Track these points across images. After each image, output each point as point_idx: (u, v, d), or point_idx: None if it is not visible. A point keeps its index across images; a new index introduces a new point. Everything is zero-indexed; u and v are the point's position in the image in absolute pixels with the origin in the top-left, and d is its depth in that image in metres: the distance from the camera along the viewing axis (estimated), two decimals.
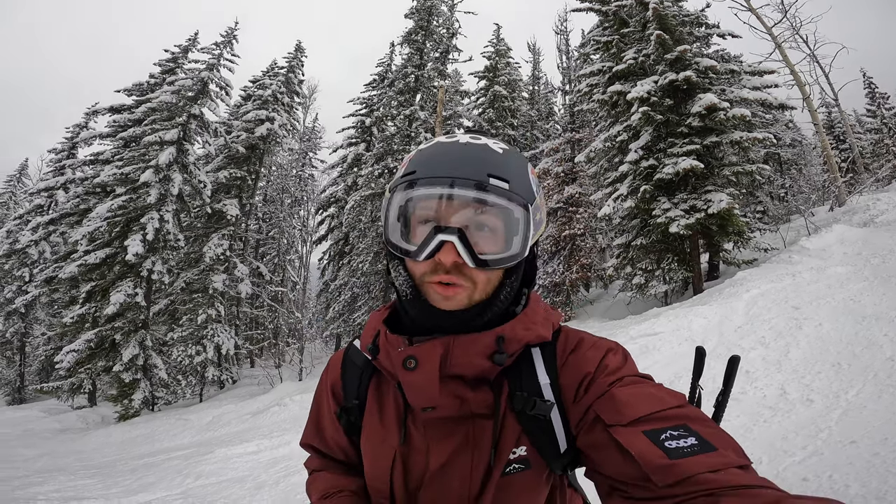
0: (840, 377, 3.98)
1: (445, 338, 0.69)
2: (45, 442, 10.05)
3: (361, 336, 0.82)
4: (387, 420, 0.76)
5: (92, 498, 4.95)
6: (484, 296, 0.70)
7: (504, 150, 0.72)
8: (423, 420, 0.72)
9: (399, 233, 0.70)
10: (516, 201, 0.68)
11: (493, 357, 0.68)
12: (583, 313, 13.03)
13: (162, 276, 12.78)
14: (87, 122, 19.07)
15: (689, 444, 0.55)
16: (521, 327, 0.71)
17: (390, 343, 0.72)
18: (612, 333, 6.84)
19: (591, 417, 0.65)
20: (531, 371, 0.72)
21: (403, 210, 0.70)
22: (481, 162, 0.68)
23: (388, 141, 15.54)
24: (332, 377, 0.86)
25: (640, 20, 10.75)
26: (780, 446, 3.19)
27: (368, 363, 0.80)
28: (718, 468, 0.52)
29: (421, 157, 0.71)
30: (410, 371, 0.68)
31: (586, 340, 0.74)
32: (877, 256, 7.11)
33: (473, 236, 0.66)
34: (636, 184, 9.81)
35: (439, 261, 0.66)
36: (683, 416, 0.59)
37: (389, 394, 0.77)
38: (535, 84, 22.64)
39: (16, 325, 18.46)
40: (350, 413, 0.80)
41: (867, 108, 24.41)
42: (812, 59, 14.61)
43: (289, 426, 7.70)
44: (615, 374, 0.67)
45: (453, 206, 0.66)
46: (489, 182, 0.66)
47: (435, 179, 0.67)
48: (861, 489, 2.54)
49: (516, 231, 0.69)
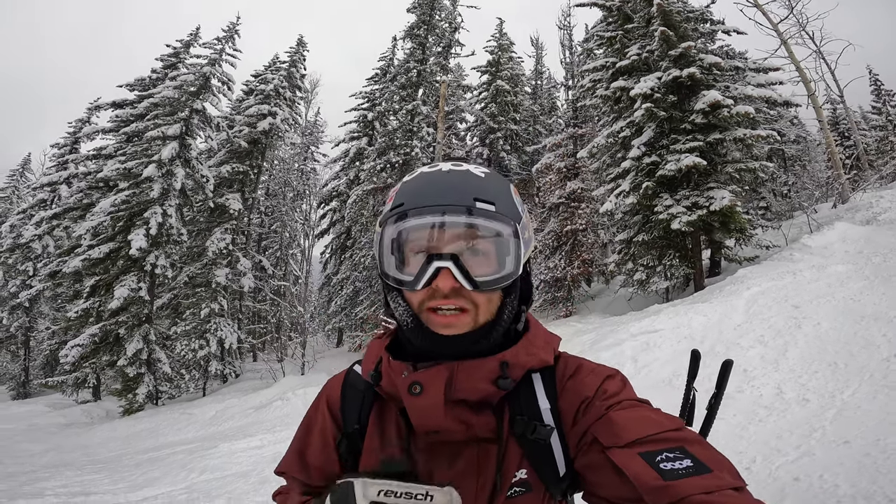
0: (836, 377, 4.01)
1: (450, 363, 0.69)
2: (51, 436, 10.17)
3: (363, 362, 0.82)
4: (389, 446, 0.75)
5: (99, 493, 5.03)
6: (489, 316, 0.71)
7: (486, 174, 0.74)
8: (427, 445, 0.72)
9: (394, 265, 0.70)
10: (504, 222, 0.69)
11: (497, 382, 0.69)
12: (584, 309, 13.07)
13: (165, 270, 12.85)
14: (90, 117, 19.09)
15: (684, 466, 0.55)
16: (524, 352, 0.72)
17: (393, 369, 0.73)
18: (614, 330, 6.88)
19: (588, 440, 0.65)
20: (531, 396, 0.72)
21: (396, 242, 0.70)
22: (466, 187, 0.69)
23: (391, 135, 15.53)
24: (331, 402, 0.85)
25: (644, 16, 10.69)
26: (775, 445, 3.23)
27: (370, 388, 0.80)
28: (713, 490, 0.52)
29: (407, 189, 0.73)
30: (416, 396, 0.68)
31: (585, 366, 0.75)
32: (878, 255, 7.10)
33: (468, 260, 0.67)
34: (638, 180, 9.81)
35: (437, 287, 0.67)
36: (680, 439, 0.60)
37: (391, 420, 0.77)
38: (538, 79, 22.55)
39: (20, 320, 18.62)
40: (350, 439, 0.79)
41: (872, 105, 24.26)
42: (818, 56, 14.48)
43: (292, 420, 7.78)
44: (613, 399, 0.68)
45: (445, 233, 0.67)
46: (476, 206, 0.67)
47: (424, 209, 0.68)
48: (850, 489, 2.58)
49: (508, 251, 0.70)
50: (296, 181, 23.46)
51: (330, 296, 19.19)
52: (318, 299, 22.98)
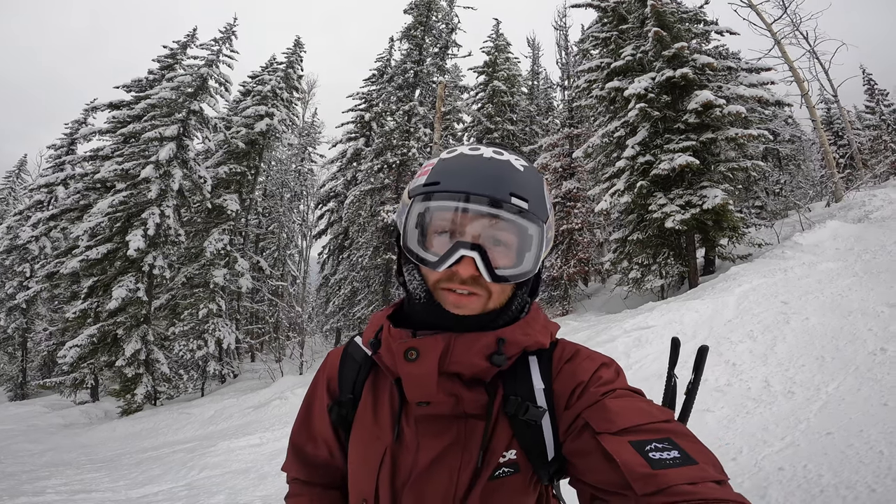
0: (823, 370, 4.11)
1: (447, 334, 0.70)
2: (50, 437, 10.20)
3: (363, 333, 0.83)
4: (381, 417, 0.77)
5: (100, 491, 5.09)
6: (498, 304, 0.73)
7: (525, 168, 0.73)
8: (417, 416, 0.73)
9: (416, 240, 0.71)
10: (534, 221, 0.70)
11: (491, 358, 0.70)
12: (580, 307, 13.17)
13: (163, 270, 12.88)
14: (86, 118, 19.11)
15: (671, 457, 0.57)
16: (520, 332, 0.73)
17: (393, 337, 0.74)
18: (608, 327, 6.97)
19: (580, 424, 0.66)
20: (526, 376, 0.73)
21: (423, 219, 0.71)
22: (504, 180, 0.69)
23: (388, 136, 15.58)
24: (328, 372, 0.87)
25: (638, 16, 10.79)
26: (761, 437, 3.31)
27: (367, 359, 0.82)
28: (696, 481, 0.54)
29: (444, 168, 0.72)
30: (411, 362, 0.69)
31: (582, 352, 0.77)
32: (868, 252, 7.20)
33: (491, 252, 0.69)
34: (633, 179, 9.91)
35: (457, 272, 0.68)
36: (669, 431, 0.61)
37: (385, 390, 0.79)
38: (535, 79, 22.62)
39: (17, 321, 18.57)
40: (342, 407, 0.81)
41: (866, 104, 24.40)
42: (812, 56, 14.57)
43: (290, 419, 7.81)
44: (608, 386, 0.69)
45: (475, 222, 0.68)
46: (511, 201, 0.68)
47: (459, 194, 0.68)
48: (833, 479, 2.66)
49: (531, 248, 0.71)
50: (293, 182, 23.48)
51: (328, 296, 19.22)
52: (316, 300, 23.00)
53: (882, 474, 2.59)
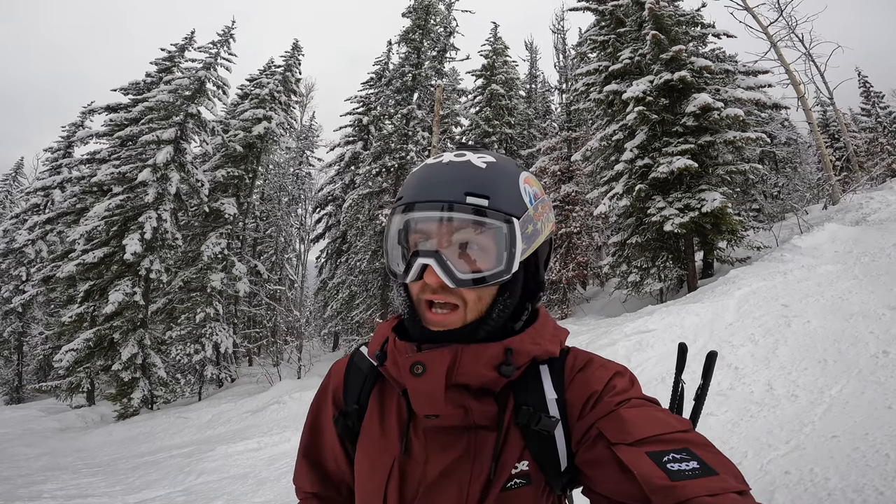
0: (825, 373, 4.09)
1: (454, 346, 0.68)
2: (46, 441, 10.11)
3: (369, 344, 0.82)
4: (388, 428, 0.75)
5: (96, 496, 5.03)
6: (476, 314, 0.70)
7: (488, 164, 0.71)
8: (425, 428, 0.71)
9: (390, 256, 0.72)
10: (496, 217, 0.67)
11: (499, 368, 0.68)
12: (579, 311, 13.16)
13: (160, 274, 12.82)
14: (83, 121, 19.07)
15: (690, 468, 0.55)
16: (529, 341, 0.71)
17: (398, 350, 0.73)
18: (609, 331, 6.95)
19: (593, 434, 0.65)
20: (538, 386, 0.71)
21: (393, 234, 0.72)
22: (459, 181, 0.68)
23: (386, 140, 15.59)
24: (334, 383, 0.86)
25: (636, 20, 10.83)
26: (765, 440, 3.29)
27: (373, 370, 0.80)
28: (717, 492, 0.52)
29: (409, 182, 0.73)
30: (417, 377, 0.68)
31: (595, 361, 0.75)
32: (867, 255, 7.21)
33: (452, 256, 0.67)
34: (631, 182, 9.92)
35: (426, 282, 0.67)
36: (687, 441, 0.60)
37: (392, 402, 0.77)
38: (533, 82, 22.71)
39: (13, 325, 18.48)
40: (348, 418, 0.79)
41: (862, 106, 24.58)
42: (807, 58, 14.66)
43: (288, 423, 7.78)
44: (622, 395, 0.67)
45: (434, 229, 0.68)
46: (465, 201, 0.66)
47: (414, 205, 0.68)
48: (840, 482, 2.64)
49: (498, 247, 0.68)
50: (291, 185, 23.46)
51: (326, 300, 19.18)
52: (314, 303, 22.94)
53: (889, 477, 2.57)
